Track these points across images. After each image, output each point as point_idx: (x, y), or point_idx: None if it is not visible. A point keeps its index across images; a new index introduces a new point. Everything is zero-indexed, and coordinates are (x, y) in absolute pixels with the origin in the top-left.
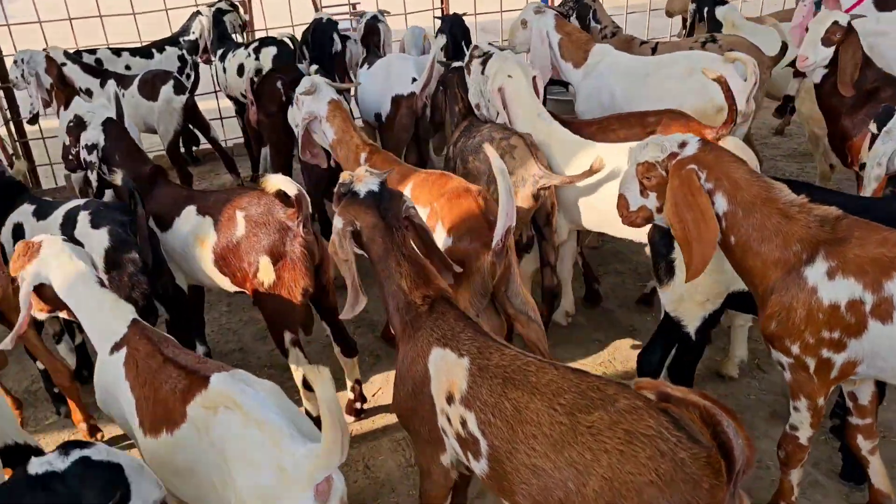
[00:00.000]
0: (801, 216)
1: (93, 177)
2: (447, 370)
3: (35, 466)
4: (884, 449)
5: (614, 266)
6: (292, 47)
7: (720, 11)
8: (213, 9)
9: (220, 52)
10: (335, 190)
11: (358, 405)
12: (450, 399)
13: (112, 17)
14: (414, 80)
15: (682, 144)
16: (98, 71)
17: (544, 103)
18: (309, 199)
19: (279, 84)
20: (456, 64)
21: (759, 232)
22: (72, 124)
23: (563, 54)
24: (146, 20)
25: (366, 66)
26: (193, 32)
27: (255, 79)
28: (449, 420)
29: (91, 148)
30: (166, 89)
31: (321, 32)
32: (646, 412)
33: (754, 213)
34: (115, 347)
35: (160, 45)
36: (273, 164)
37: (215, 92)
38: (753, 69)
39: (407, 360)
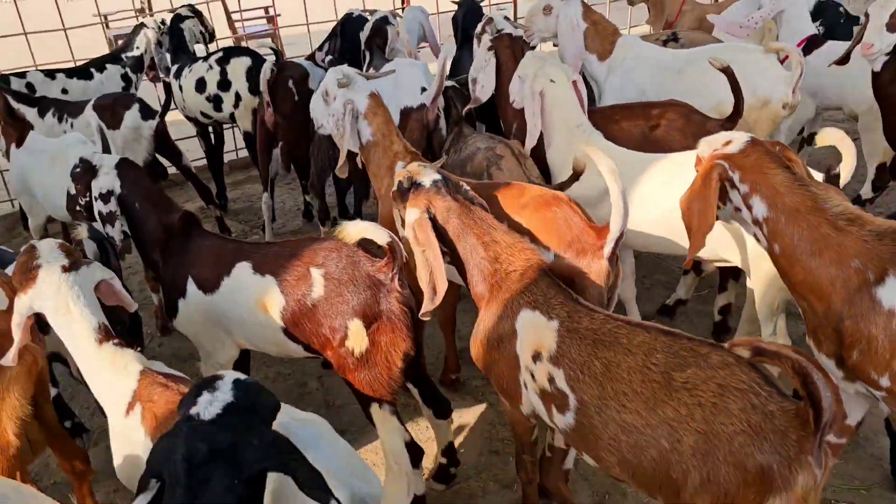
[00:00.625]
0: (852, 229)
1: (114, 231)
2: (535, 331)
3: None
4: None
5: (639, 275)
6: (274, 56)
7: None
8: (168, 19)
9: (175, 67)
10: (394, 189)
11: (452, 470)
12: (536, 357)
13: (39, 34)
14: (423, 89)
15: (727, 143)
16: (32, 98)
17: None
18: (402, 246)
19: (291, 83)
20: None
21: (808, 244)
22: (78, 170)
23: (588, 45)
24: (80, 36)
25: (371, 70)
26: (138, 47)
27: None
28: (533, 376)
29: (106, 196)
30: (131, 115)
31: (352, 26)
32: (738, 368)
33: (799, 222)
34: (129, 407)
35: (100, 64)
36: (285, 165)
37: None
38: (799, 59)
39: (493, 319)
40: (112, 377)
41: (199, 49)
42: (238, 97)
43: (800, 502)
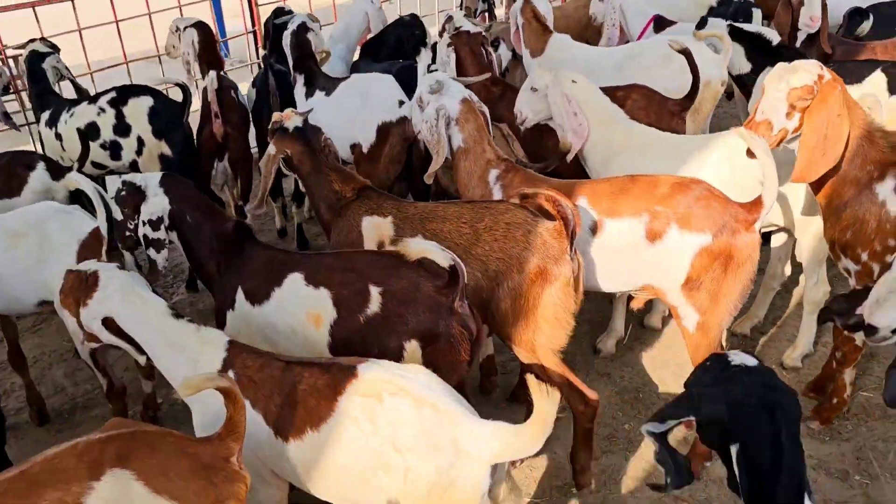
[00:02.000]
0: (881, 141)
1: (158, 257)
2: (375, 228)
3: None
4: None
5: None
6: (184, 95)
7: None
8: (26, 52)
9: (46, 113)
10: (269, 127)
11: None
12: (380, 245)
13: None
14: (401, 102)
15: (821, 67)
16: None
17: None
18: (464, 268)
19: (233, 93)
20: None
21: (850, 152)
22: (124, 194)
23: (525, 41)
24: None
25: (318, 92)
26: None
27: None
28: None
29: (157, 223)
30: (37, 175)
31: (277, 33)
32: (516, 209)
33: (856, 139)
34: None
35: None
36: (235, 177)
37: None
38: (728, 40)
39: (343, 232)
40: (198, 349)
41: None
42: (141, 142)
43: (566, 286)
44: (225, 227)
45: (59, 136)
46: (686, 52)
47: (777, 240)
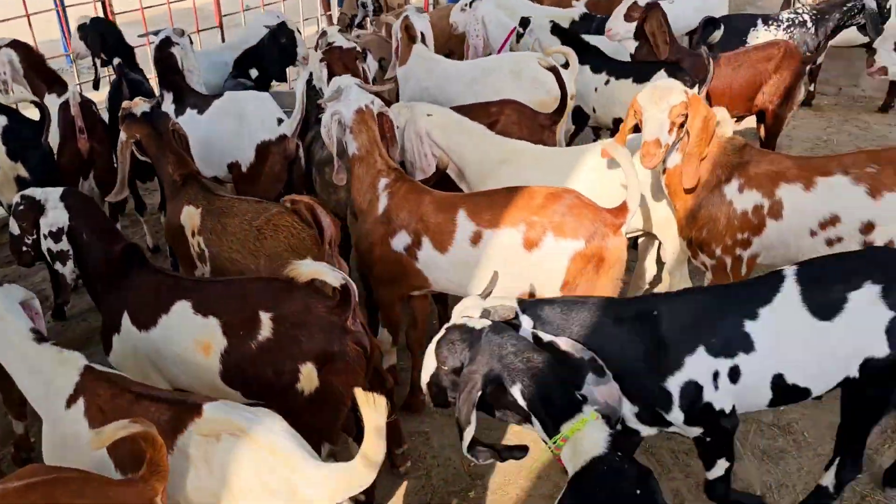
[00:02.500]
0: (727, 146)
1: (66, 270)
2: (190, 217)
3: None
4: None
5: None
6: (41, 114)
7: None
8: None
9: None
10: (119, 114)
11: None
12: (192, 233)
13: None
14: (280, 120)
15: (684, 81)
16: None
17: None
18: (356, 288)
19: (94, 107)
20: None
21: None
22: (21, 208)
23: (397, 52)
24: None
25: (189, 110)
26: None
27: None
28: (193, 245)
29: (58, 234)
30: None
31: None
32: (285, 214)
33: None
34: (71, 400)
35: None
36: (99, 199)
37: None
38: (575, 57)
39: (171, 216)
40: (53, 371)
41: None
42: None
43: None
44: (116, 249)
45: None
46: (553, 69)
47: (643, 242)
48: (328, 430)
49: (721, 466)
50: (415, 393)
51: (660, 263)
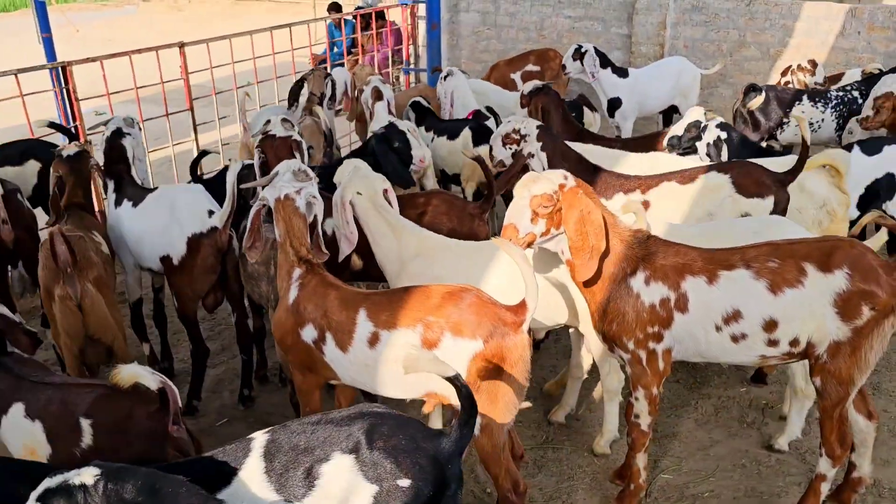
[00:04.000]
0: (630, 239)
1: None
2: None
3: None
4: None
5: None
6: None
7: None
8: None
9: None
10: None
11: None
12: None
13: None
14: (211, 212)
15: (565, 177)
16: None
17: None
18: (177, 392)
19: (19, 195)
20: None
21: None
22: None
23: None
24: None
25: (126, 202)
26: None
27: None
28: None
29: None
30: None
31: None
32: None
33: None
34: None
35: None
36: (31, 285)
37: None
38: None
39: None
40: None
41: None
42: None
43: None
44: None
45: None
46: (479, 160)
47: (573, 333)
48: None
49: None
50: None
51: None
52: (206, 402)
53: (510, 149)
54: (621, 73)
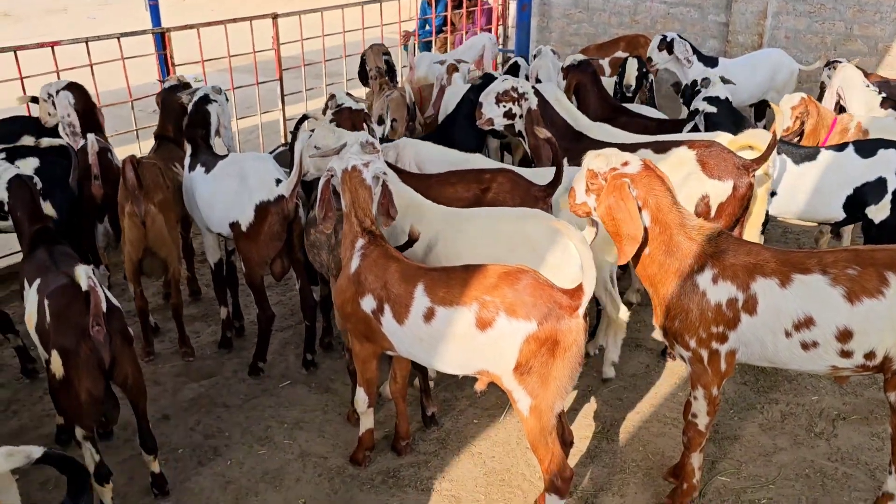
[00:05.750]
0: (698, 237)
1: None
2: None
3: None
4: None
5: None
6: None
7: None
8: None
9: None
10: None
11: None
12: None
13: None
14: (278, 181)
15: (625, 163)
16: None
17: None
18: (101, 298)
19: (110, 155)
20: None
21: (668, 247)
22: None
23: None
24: None
25: (199, 167)
26: None
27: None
28: None
29: None
30: None
31: None
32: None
33: (668, 232)
34: None
35: None
36: (113, 241)
37: None
38: None
39: None
40: None
41: None
42: None
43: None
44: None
45: None
46: (550, 141)
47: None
48: (75, 414)
49: None
50: (398, 438)
51: None
52: (271, 364)
53: (503, 107)
54: (708, 61)
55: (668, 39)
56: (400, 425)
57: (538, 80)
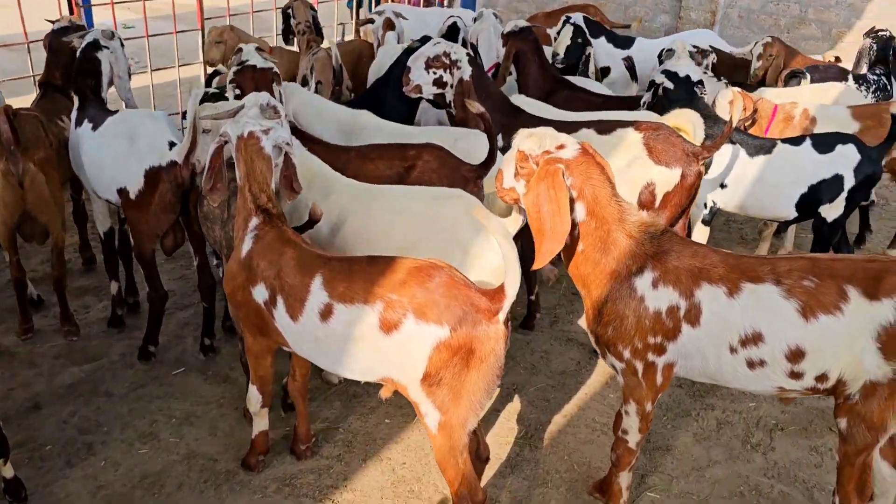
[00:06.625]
0: (638, 235)
1: None
2: None
3: None
4: None
5: None
6: None
7: None
8: None
9: None
10: None
11: None
12: None
13: None
14: (172, 144)
15: (560, 146)
16: None
17: None
18: None
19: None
20: None
21: (604, 245)
22: None
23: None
24: None
25: (86, 122)
26: None
27: None
28: None
29: None
30: None
31: None
32: None
33: (604, 228)
34: None
35: None
36: None
37: None
38: None
39: None
40: None
41: None
42: None
43: None
44: None
45: None
46: (483, 117)
47: None
48: None
49: None
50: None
51: None
52: (165, 348)
53: (433, 74)
54: (619, 42)
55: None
56: (299, 427)
57: (475, 46)
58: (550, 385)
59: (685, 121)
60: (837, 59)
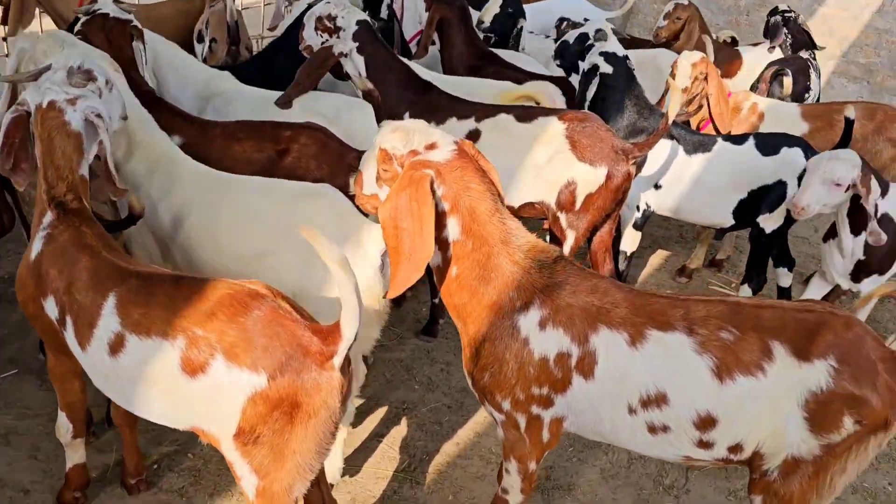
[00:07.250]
0: (525, 262)
1: None
2: None
3: None
4: None
5: None
6: None
7: None
8: None
9: None
10: None
11: None
12: None
13: None
14: None
15: (431, 146)
16: None
17: None
18: None
19: None
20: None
21: (483, 271)
22: None
23: None
24: None
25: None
26: None
27: None
28: None
29: None
30: None
31: None
32: None
33: (483, 251)
34: None
35: None
36: None
37: None
38: None
39: None
40: None
41: None
42: None
43: None
44: None
45: None
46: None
47: None
48: None
49: None
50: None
51: None
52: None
53: (321, 36)
54: None
55: None
56: (127, 459)
57: (402, 15)
58: (446, 405)
59: (539, 91)
60: (734, 39)
